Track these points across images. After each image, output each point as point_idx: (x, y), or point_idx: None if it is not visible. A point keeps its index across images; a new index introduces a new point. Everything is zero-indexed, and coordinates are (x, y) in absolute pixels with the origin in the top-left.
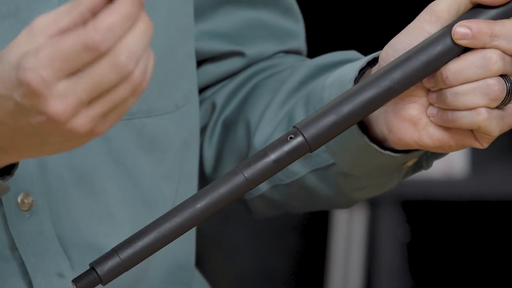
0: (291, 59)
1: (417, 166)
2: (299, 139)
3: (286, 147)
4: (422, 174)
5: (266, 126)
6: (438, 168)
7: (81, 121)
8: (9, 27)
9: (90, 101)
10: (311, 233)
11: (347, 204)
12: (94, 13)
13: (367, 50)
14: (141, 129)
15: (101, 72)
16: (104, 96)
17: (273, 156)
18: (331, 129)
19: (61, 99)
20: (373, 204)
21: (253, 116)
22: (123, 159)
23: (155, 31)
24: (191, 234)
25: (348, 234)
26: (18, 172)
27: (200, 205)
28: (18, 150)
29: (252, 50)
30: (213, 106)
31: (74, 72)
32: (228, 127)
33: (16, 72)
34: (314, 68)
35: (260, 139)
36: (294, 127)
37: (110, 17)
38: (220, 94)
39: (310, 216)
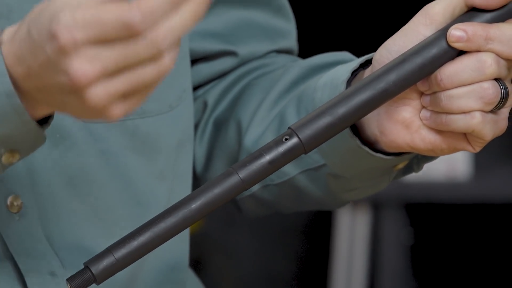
0: (282, 58)
1: (408, 169)
2: (294, 140)
3: (281, 148)
4: (425, 176)
5: (257, 126)
6: (441, 171)
7: (99, 92)
8: (0, 29)
9: (114, 74)
10: (314, 236)
11: (337, 204)
12: None
13: (360, 49)
14: (134, 131)
15: (134, 47)
16: (129, 72)
17: (268, 157)
18: (326, 130)
19: (85, 62)
20: (376, 207)
21: (244, 115)
22: (115, 161)
23: None
24: (185, 234)
25: (351, 236)
26: (7, 173)
27: (195, 205)
28: (47, 104)
29: (244, 49)
30: (205, 105)
31: (106, 41)
32: (219, 126)
33: (50, 24)
34: (306, 69)
35: (251, 139)
36: (289, 128)
37: (155, 1)
38: (212, 93)
39: (313, 218)
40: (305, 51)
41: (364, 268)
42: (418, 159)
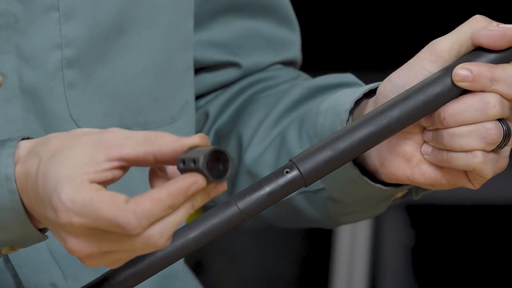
0: (286, 72)
1: (406, 195)
2: (295, 173)
3: (281, 181)
4: None
5: (258, 144)
6: None
7: (92, 262)
8: (7, 39)
9: (106, 252)
10: (315, 237)
11: (333, 225)
12: (158, 160)
13: (363, 61)
14: None
15: (128, 243)
16: (122, 251)
17: (268, 189)
18: (327, 164)
19: (80, 242)
20: None
21: (245, 131)
22: None
23: (154, 45)
24: None
25: (353, 238)
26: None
27: (193, 235)
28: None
29: (248, 61)
30: (206, 116)
31: (102, 230)
32: (220, 138)
33: (52, 195)
34: (309, 89)
35: (251, 156)
36: (290, 160)
37: (152, 206)
38: (214, 104)
39: None
40: (309, 62)
41: (365, 269)
42: (417, 187)
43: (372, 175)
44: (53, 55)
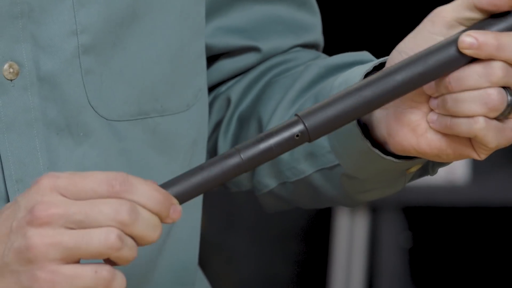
0: (306, 54)
1: (423, 172)
2: (300, 127)
3: (286, 134)
4: (424, 180)
5: (276, 124)
6: (440, 174)
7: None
8: (22, 28)
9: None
10: (313, 239)
11: (352, 204)
12: None
13: (381, 42)
14: (154, 129)
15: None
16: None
17: (271, 141)
18: (331, 121)
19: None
20: (375, 210)
21: (265, 113)
22: (136, 159)
23: (168, 31)
24: (195, 233)
25: (350, 240)
26: (29, 172)
27: (194, 180)
28: None
29: (267, 45)
30: (228, 102)
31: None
32: (242, 122)
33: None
34: (325, 68)
35: None
36: (296, 115)
37: None
38: (235, 90)
39: (312, 221)
40: (331, 44)
41: (362, 271)
42: (432, 162)
43: (382, 147)
44: (69, 42)
